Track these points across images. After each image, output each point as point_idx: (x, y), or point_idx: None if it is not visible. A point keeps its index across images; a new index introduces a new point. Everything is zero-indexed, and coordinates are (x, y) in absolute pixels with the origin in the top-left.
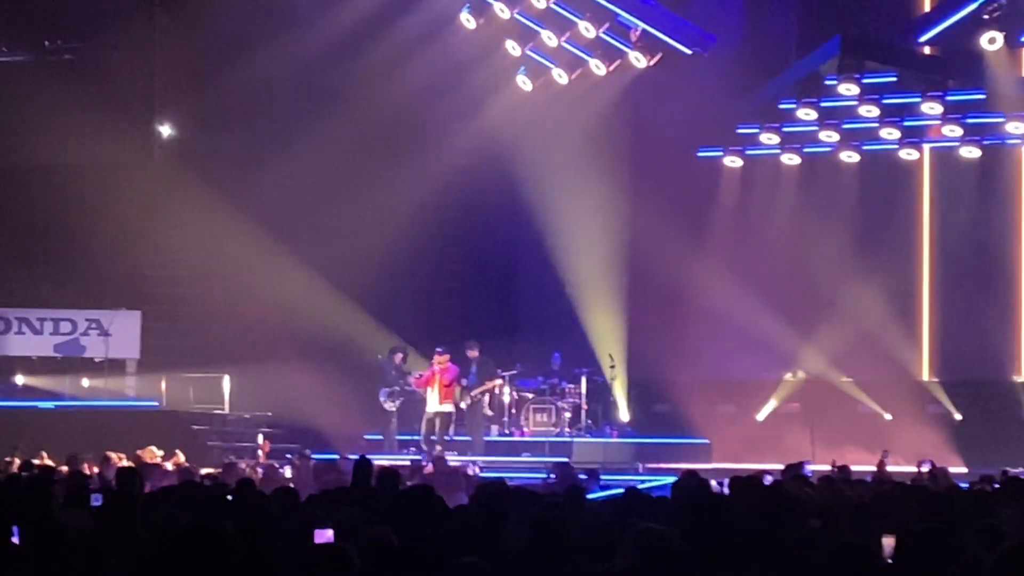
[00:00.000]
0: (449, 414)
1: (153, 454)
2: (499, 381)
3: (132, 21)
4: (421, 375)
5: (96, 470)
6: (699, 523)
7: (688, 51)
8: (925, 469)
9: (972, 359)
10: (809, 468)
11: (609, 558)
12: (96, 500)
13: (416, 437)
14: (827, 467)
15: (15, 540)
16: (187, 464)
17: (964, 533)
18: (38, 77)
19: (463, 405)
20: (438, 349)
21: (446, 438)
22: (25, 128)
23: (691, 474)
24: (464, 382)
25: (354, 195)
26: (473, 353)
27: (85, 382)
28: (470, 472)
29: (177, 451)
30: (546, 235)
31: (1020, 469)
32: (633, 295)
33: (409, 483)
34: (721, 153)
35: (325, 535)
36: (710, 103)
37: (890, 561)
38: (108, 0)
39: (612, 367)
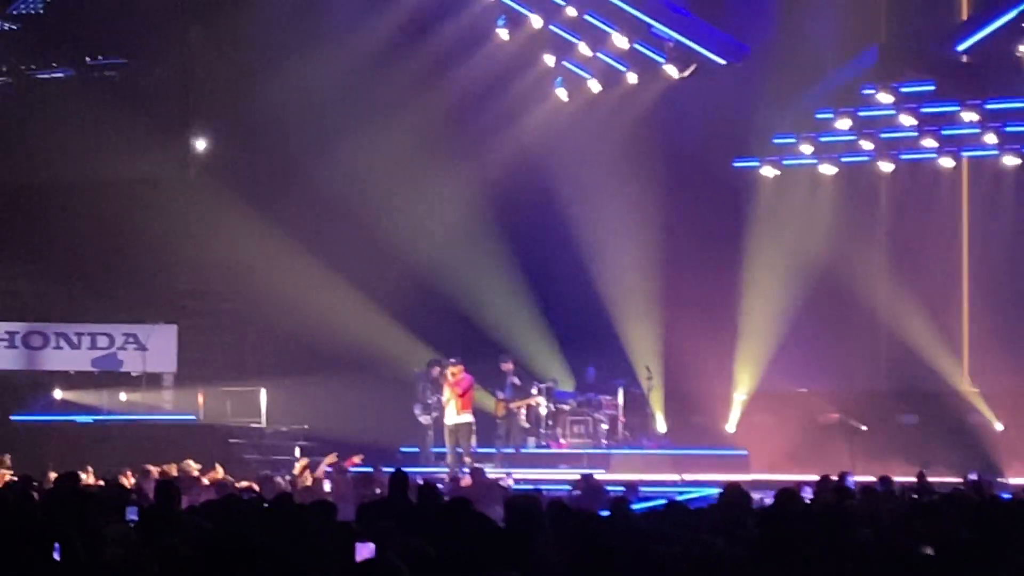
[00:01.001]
0: (469, 424)
1: (191, 468)
2: (540, 398)
3: (167, 36)
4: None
5: (135, 483)
6: (745, 535)
7: (722, 61)
8: (971, 480)
9: (1011, 369)
10: (851, 479)
11: (652, 571)
12: (131, 513)
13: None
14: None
15: (56, 556)
16: (225, 478)
17: (1007, 545)
18: (75, 93)
19: (498, 417)
20: (451, 360)
21: (472, 450)
22: (62, 144)
23: (735, 487)
24: (500, 395)
25: (390, 208)
26: (507, 366)
27: (122, 396)
28: (505, 484)
29: (217, 465)
30: (582, 246)
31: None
32: (670, 306)
33: (447, 496)
34: (757, 163)
35: (367, 549)
36: (746, 113)
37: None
38: (144, 16)
39: (649, 379)
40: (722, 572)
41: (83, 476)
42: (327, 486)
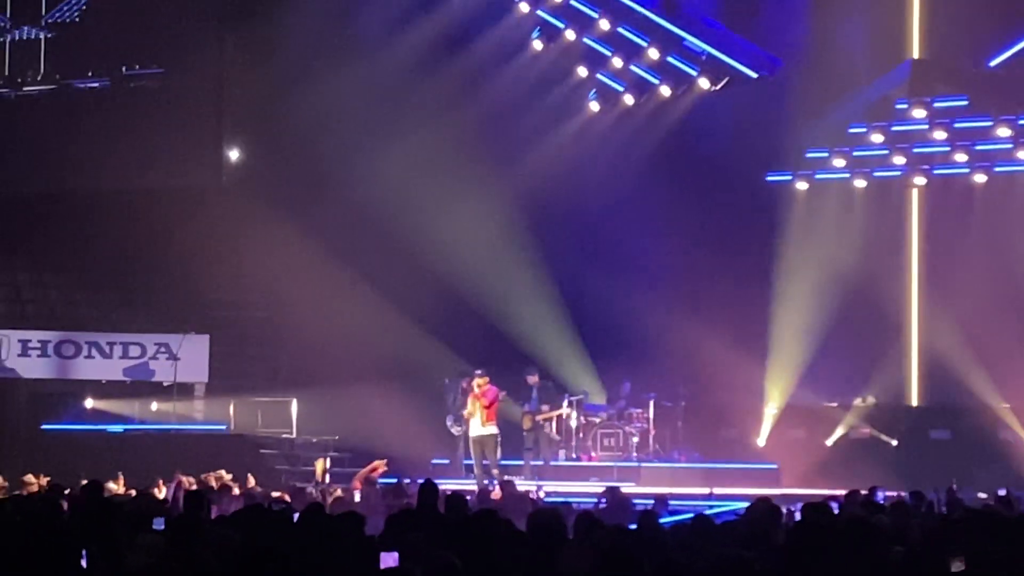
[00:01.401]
0: (494, 436)
1: (223, 477)
2: (567, 410)
3: (201, 47)
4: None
5: (168, 493)
6: (773, 548)
7: (754, 75)
8: (1001, 494)
9: None
10: (881, 494)
11: None
12: (158, 524)
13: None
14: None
15: (83, 565)
16: (257, 488)
17: None
18: (109, 103)
19: (524, 429)
20: (477, 372)
21: (498, 462)
22: (96, 153)
23: (763, 500)
24: (526, 407)
25: (422, 218)
26: (533, 379)
27: (154, 406)
28: (534, 497)
29: (249, 475)
30: (615, 258)
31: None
32: (701, 319)
33: (475, 508)
34: (790, 177)
35: (391, 559)
36: (778, 127)
37: None
38: (178, 27)
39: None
40: None
41: (113, 486)
42: (357, 496)
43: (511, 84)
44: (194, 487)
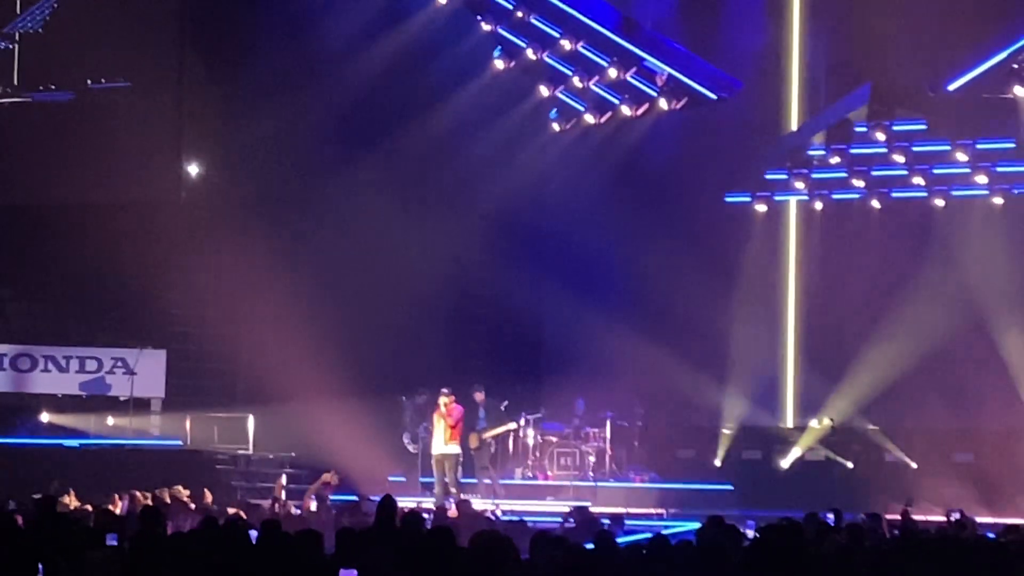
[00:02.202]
0: (456, 455)
1: (180, 493)
2: (513, 425)
3: (162, 61)
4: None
5: (122, 508)
6: (728, 568)
7: (714, 96)
8: (954, 518)
9: (1000, 407)
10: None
11: None
12: (112, 540)
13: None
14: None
15: None
16: (213, 505)
17: None
18: (67, 116)
19: (472, 448)
20: (443, 390)
21: (459, 480)
22: (53, 166)
23: (718, 520)
24: (475, 426)
25: (381, 236)
26: (480, 396)
27: (110, 420)
28: (491, 516)
29: (205, 491)
30: (574, 277)
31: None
32: (659, 339)
33: (431, 525)
34: (749, 198)
35: None
36: (738, 148)
37: None
38: (139, 42)
39: (642, 412)
40: None
41: (66, 499)
42: (313, 507)
43: (472, 102)
44: (148, 502)
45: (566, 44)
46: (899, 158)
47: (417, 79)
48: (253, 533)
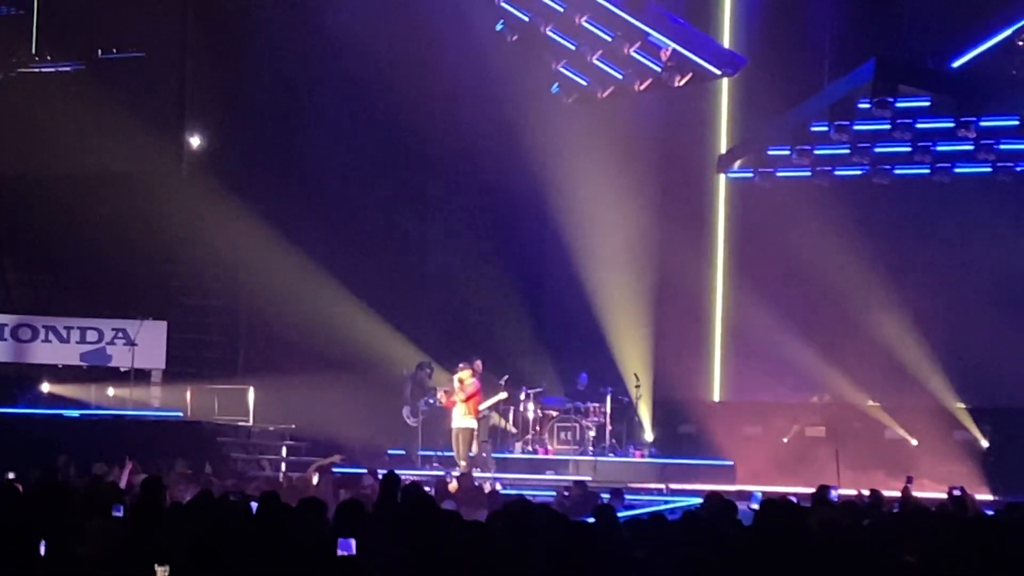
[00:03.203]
0: (470, 429)
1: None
2: (504, 395)
3: (163, 31)
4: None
5: (122, 479)
6: (725, 546)
7: (718, 72)
8: (955, 495)
9: (1000, 385)
10: (834, 493)
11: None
12: (117, 511)
13: (441, 453)
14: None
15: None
16: (213, 477)
17: (987, 561)
18: (68, 87)
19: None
20: (461, 364)
21: (470, 454)
22: (54, 137)
23: (717, 496)
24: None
25: (383, 207)
26: (477, 366)
27: (110, 391)
28: (487, 489)
29: (206, 463)
30: (575, 251)
31: None
32: (661, 315)
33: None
34: (751, 174)
35: (348, 546)
36: (741, 124)
37: None
38: (140, 11)
39: (638, 386)
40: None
41: (69, 471)
42: (314, 481)
43: (475, 75)
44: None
45: (569, 18)
46: (902, 135)
47: (420, 50)
48: (253, 505)
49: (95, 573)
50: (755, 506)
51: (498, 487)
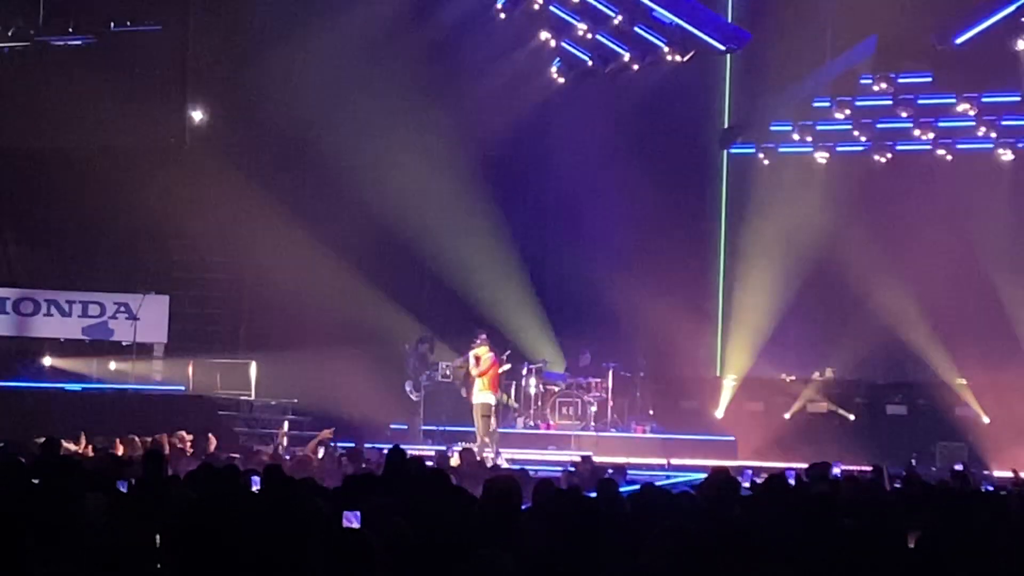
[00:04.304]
0: (486, 404)
1: (183, 439)
2: (508, 366)
3: (167, 5)
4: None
5: (123, 453)
6: (726, 521)
7: (722, 47)
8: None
9: (1003, 362)
10: (836, 469)
11: (632, 554)
12: (122, 486)
13: (444, 428)
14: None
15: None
16: (217, 450)
17: (990, 535)
18: (72, 61)
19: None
20: (478, 340)
21: (492, 430)
22: (58, 111)
23: (720, 471)
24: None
25: (385, 183)
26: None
27: (112, 365)
28: (489, 464)
29: (210, 436)
30: (577, 228)
31: None
32: (662, 291)
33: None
34: (753, 150)
35: (353, 518)
36: (743, 99)
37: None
38: None
39: (644, 364)
40: (705, 552)
41: (73, 446)
42: (319, 454)
43: (477, 50)
44: (152, 447)
45: None
46: (904, 111)
47: (422, 25)
48: (255, 479)
49: (99, 546)
50: (746, 484)
51: (500, 462)
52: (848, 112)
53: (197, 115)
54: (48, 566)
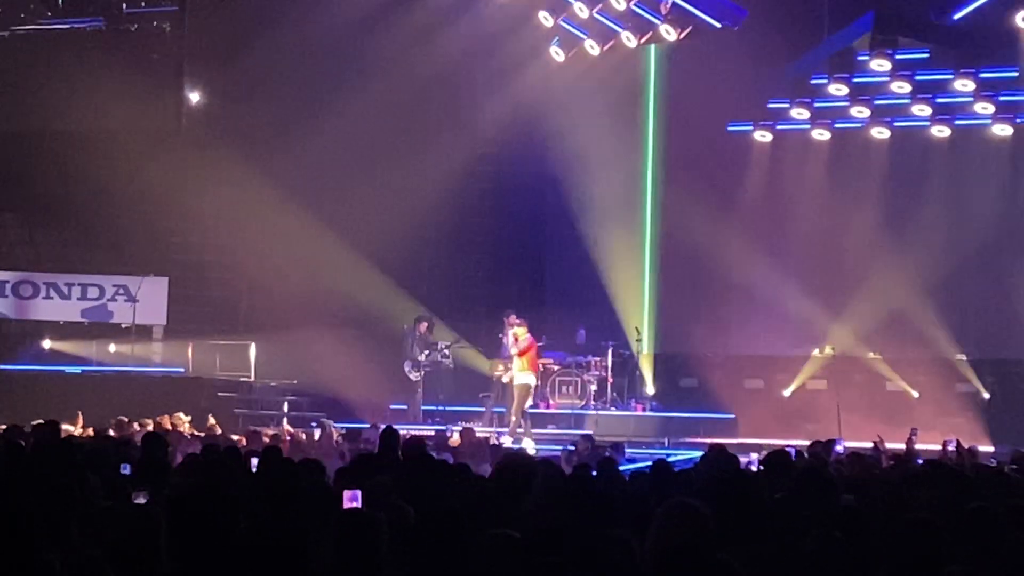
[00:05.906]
0: (524, 385)
1: (181, 420)
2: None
3: None
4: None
5: (122, 435)
6: (728, 498)
7: (718, 24)
8: (951, 448)
9: (1001, 338)
10: (840, 447)
11: (639, 531)
12: (125, 469)
13: (443, 408)
14: (866, 444)
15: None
16: (216, 432)
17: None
18: (69, 44)
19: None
20: (517, 320)
21: (525, 411)
22: (55, 94)
23: (719, 448)
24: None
25: (384, 164)
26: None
27: (112, 347)
28: (491, 442)
29: (210, 417)
30: (576, 206)
31: None
32: (662, 268)
33: (435, 454)
34: (751, 128)
35: (354, 497)
36: (741, 77)
37: None
38: None
39: (639, 340)
40: (705, 529)
41: (71, 428)
42: (316, 435)
43: (474, 30)
44: (152, 429)
45: None
46: (902, 87)
47: (418, 5)
48: (254, 460)
49: (102, 532)
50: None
51: (504, 440)
52: (846, 89)
53: (195, 97)
54: (52, 549)
